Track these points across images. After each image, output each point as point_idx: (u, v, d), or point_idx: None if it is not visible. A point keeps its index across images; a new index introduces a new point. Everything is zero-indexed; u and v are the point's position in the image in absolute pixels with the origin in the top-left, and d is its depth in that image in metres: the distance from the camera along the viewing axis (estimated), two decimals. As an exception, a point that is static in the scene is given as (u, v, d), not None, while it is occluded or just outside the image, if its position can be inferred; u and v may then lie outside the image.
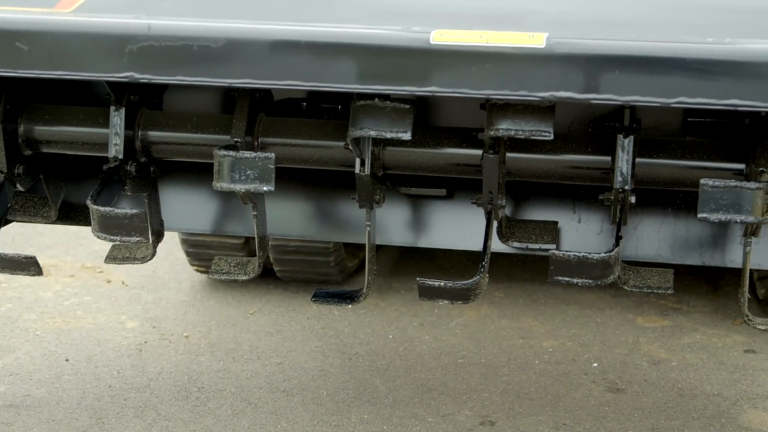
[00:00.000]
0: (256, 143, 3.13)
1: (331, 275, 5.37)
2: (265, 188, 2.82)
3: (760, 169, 2.83)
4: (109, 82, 3.01)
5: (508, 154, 3.02)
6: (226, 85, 2.66)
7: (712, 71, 2.40)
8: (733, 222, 2.63)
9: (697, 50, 2.42)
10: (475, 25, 2.56)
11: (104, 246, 3.60)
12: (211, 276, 3.28)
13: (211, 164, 2.87)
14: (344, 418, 4.02)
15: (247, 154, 2.83)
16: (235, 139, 3.06)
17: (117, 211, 2.94)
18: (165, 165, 3.37)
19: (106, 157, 3.12)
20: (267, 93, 3.19)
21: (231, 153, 2.84)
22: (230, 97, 3.22)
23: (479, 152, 2.96)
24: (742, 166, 2.94)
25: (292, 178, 3.39)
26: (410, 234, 3.43)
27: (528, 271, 5.76)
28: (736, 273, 3.01)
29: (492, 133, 2.70)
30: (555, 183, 3.21)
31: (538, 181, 3.17)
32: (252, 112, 3.11)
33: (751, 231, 2.89)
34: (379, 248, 5.93)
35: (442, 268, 5.83)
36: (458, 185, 3.32)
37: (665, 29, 2.59)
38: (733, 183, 2.61)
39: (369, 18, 2.71)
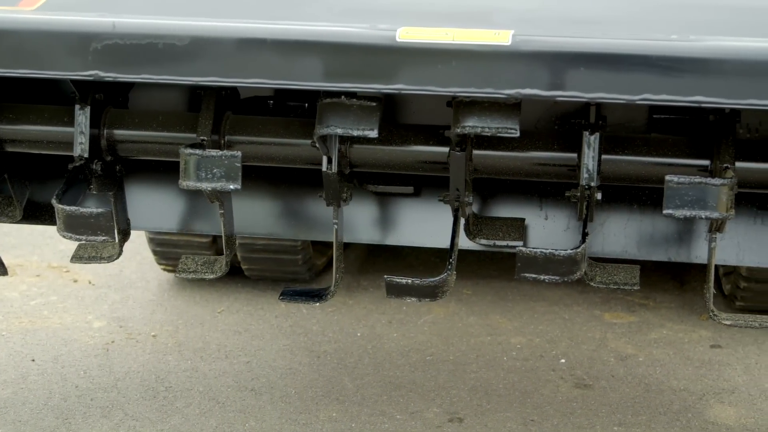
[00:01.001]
0: (222, 141, 3.12)
1: (299, 273, 5.36)
2: (231, 186, 2.81)
3: (725, 165, 2.86)
4: (73, 81, 2.99)
5: (475, 152, 3.03)
6: (192, 83, 2.65)
7: (676, 68, 2.41)
8: (698, 218, 2.65)
9: (661, 47, 2.43)
10: (441, 23, 2.57)
11: (71, 245, 3.59)
12: (178, 275, 3.27)
13: (178, 163, 2.86)
14: (313, 417, 4.02)
15: (213, 152, 2.82)
16: (201, 138, 3.05)
17: (82, 210, 2.92)
18: (131, 164, 3.35)
19: (72, 155, 3.10)
20: (233, 91, 3.18)
21: (197, 151, 2.82)
22: (197, 95, 3.20)
23: (446, 150, 2.97)
24: (707, 162, 2.96)
25: (259, 177, 3.39)
26: (378, 232, 3.43)
27: (496, 268, 5.78)
28: (702, 269, 3.03)
29: (458, 130, 2.71)
30: (522, 180, 3.22)
31: (505, 178, 3.18)
32: (218, 110, 3.10)
33: (716, 227, 2.91)
34: (347, 246, 5.91)
35: (411, 266, 5.83)
36: (425, 183, 3.32)
37: (630, 26, 2.60)
38: (697, 179, 2.63)
39: (335, 16, 2.71)
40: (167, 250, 5.18)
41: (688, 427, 3.99)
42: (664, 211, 2.64)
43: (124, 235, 3.36)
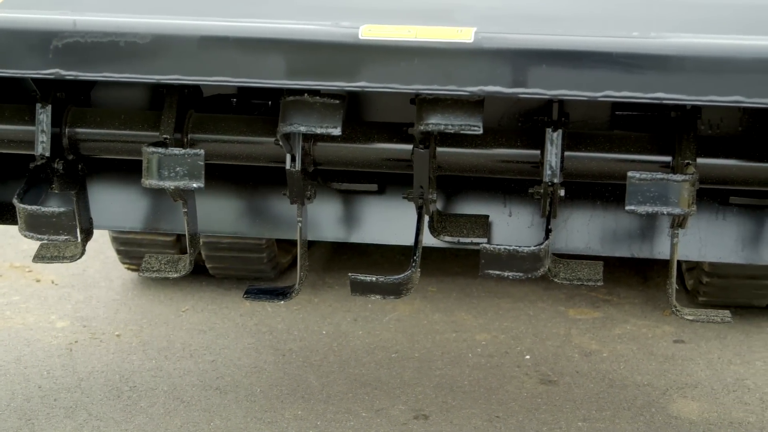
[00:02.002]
0: (185, 140, 3.11)
1: (264, 272, 5.35)
2: (194, 185, 2.81)
3: (686, 161, 2.88)
4: (34, 79, 2.97)
5: (439, 149, 3.03)
6: (154, 81, 2.64)
7: (637, 65, 2.43)
8: (660, 214, 2.66)
9: (622, 44, 2.44)
10: (404, 20, 2.57)
11: (33, 245, 3.56)
12: (141, 274, 3.25)
13: (141, 161, 2.85)
14: (278, 415, 4.01)
15: (176, 150, 2.81)
16: (164, 136, 3.04)
17: (44, 209, 2.90)
18: (93, 162, 3.33)
19: (33, 155, 3.08)
20: (196, 89, 3.17)
21: (160, 150, 2.81)
22: (159, 93, 3.19)
23: (410, 147, 2.97)
24: (668, 158, 2.98)
25: (223, 175, 3.38)
26: (342, 229, 3.43)
27: (461, 265, 5.79)
28: (666, 264, 3.05)
29: (422, 128, 2.71)
30: (486, 177, 3.23)
31: (469, 175, 3.18)
32: (181, 108, 3.09)
33: (678, 223, 2.93)
34: (312, 244, 5.91)
35: (376, 264, 5.83)
36: (390, 180, 3.33)
37: (592, 23, 2.61)
38: (659, 176, 2.65)
39: (298, 13, 2.71)
40: (131, 249, 5.16)
41: (651, 421, 4.02)
42: (627, 207, 2.66)
43: (87, 234, 3.34)
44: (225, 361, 4.52)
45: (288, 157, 2.97)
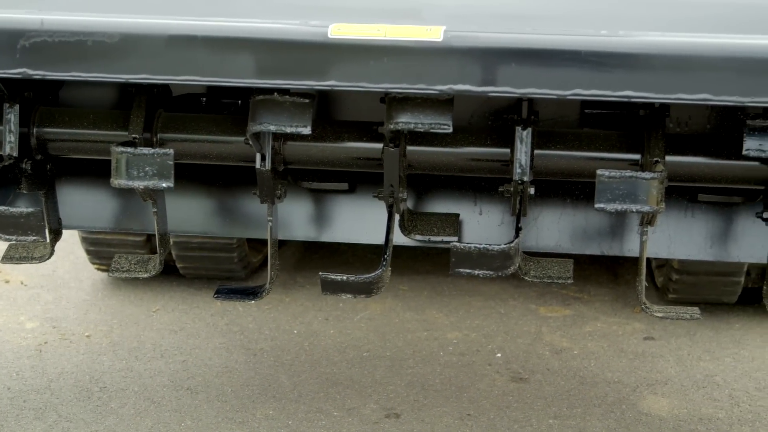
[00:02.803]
0: (154, 139, 3.10)
1: (235, 271, 5.34)
2: (164, 185, 2.80)
3: (655, 159, 2.89)
4: (1, 79, 2.94)
5: (409, 148, 3.04)
6: (123, 81, 2.62)
7: (606, 63, 2.44)
8: (630, 212, 2.68)
9: (591, 43, 2.45)
10: (373, 19, 2.57)
11: (1, 245, 3.53)
12: (111, 274, 3.24)
13: (110, 161, 2.83)
14: (249, 415, 4.00)
15: (145, 150, 2.80)
16: (133, 136, 3.02)
17: (12, 210, 2.88)
18: (62, 162, 3.31)
19: (1, 155, 3.05)
20: (165, 88, 3.16)
21: (129, 150, 2.80)
22: (128, 92, 3.17)
23: (380, 146, 2.97)
24: (637, 156, 2.99)
25: (193, 174, 3.37)
26: (313, 228, 3.43)
27: (432, 263, 5.80)
28: (635, 262, 3.06)
29: (392, 126, 2.71)
30: (456, 175, 3.23)
31: (440, 173, 3.19)
32: (150, 108, 3.08)
33: (647, 220, 2.94)
34: (283, 243, 5.90)
35: (347, 262, 5.83)
36: (360, 179, 3.32)
37: (561, 22, 2.62)
38: (628, 173, 2.66)
39: (267, 12, 2.70)
40: (100, 250, 5.14)
41: (622, 418, 4.04)
42: (596, 205, 2.67)
43: (56, 234, 3.32)
44: (196, 361, 4.50)
45: (258, 157, 2.96)
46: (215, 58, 2.57)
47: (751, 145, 2.71)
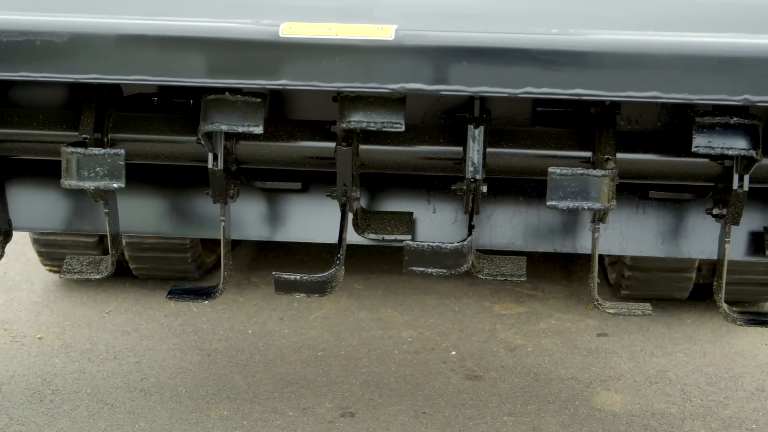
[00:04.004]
0: (105, 139, 3.07)
1: (189, 272, 5.32)
2: (115, 185, 2.78)
3: (606, 156, 2.91)
4: (-51, 79, 2.91)
5: (362, 146, 3.04)
6: (72, 80, 2.60)
7: (556, 62, 2.45)
8: (581, 209, 2.69)
9: (541, 41, 2.46)
10: (325, 18, 2.56)
11: (-50, 248, 3.49)
12: (63, 276, 3.21)
13: (60, 161, 2.81)
14: (204, 415, 3.98)
15: (96, 150, 2.78)
16: (84, 136, 3.00)
17: (-40, 211, 2.85)
18: (12, 163, 3.28)
19: (-51, 156, 3.03)
20: (116, 88, 3.14)
21: (79, 150, 2.78)
22: (78, 92, 3.15)
23: (333, 145, 2.97)
24: (589, 154, 3.01)
25: (145, 175, 3.35)
26: (266, 228, 3.42)
27: (387, 262, 5.80)
28: (588, 258, 3.08)
29: (344, 125, 2.71)
30: (409, 174, 3.24)
31: (393, 172, 3.19)
32: (101, 107, 3.05)
33: (598, 217, 2.96)
34: (238, 243, 5.89)
35: (302, 262, 5.82)
36: (314, 178, 3.32)
37: (512, 20, 2.63)
38: (579, 171, 2.68)
39: (218, 11, 2.69)
40: (52, 251, 5.09)
41: (576, 414, 4.06)
42: (548, 203, 2.68)
43: (6, 236, 3.29)
44: (149, 362, 4.48)
45: (210, 156, 2.95)
46: (166, 58, 2.55)
47: (700, 142, 2.74)
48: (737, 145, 2.74)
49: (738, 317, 3.08)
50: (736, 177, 2.85)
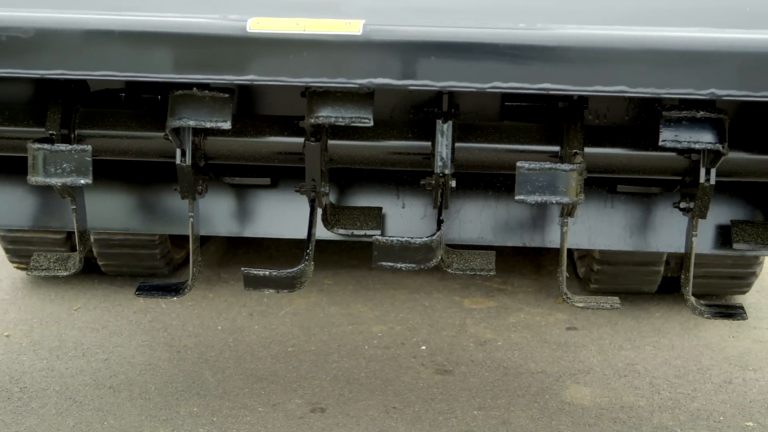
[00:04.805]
0: (72, 135, 3.06)
1: (158, 268, 5.30)
2: (82, 181, 2.76)
3: (574, 151, 2.92)
4: None
5: (330, 142, 3.03)
6: (38, 76, 2.58)
7: (524, 56, 2.46)
8: (549, 203, 2.70)
9: (509, 36, 2.47)
10: (293, 13, 2.56)
11: None
12: (30, 273, 3.20)
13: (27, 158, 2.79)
14: (173, 412, 3.97)
15: (63, 146, 2.76)
16: (50, 132, 2.98)
17: (-74, 208, 2.83)
18: (-23, 160, 3.26)
19: None
20: (83, 84, 3.12)
21: (45, 146, 2.76)
22: (45, 88, 3.13)
23: (301, 140, 2.97)
24: (557, 148, 3.02)
25: (112, 171, 3.33)
26: (235, 224, 3.41)
27: (357, 257, 5.80)
28: (557, 253, 3.09)
29: (312, 120, 2.71)
30: (378, 169, 3.24)
31: (362, 167, 3.19)
32: (67, 103, 3.03)
33: (567, 211, 2.97)
34: (207, 239, 5.87)
35: (272, 258, 5.81)
36: (282, 174, 3.32)
37: (480, 15, 2.63)
38: (547, 165, 2.69)
39: (185, 6, 2.67)
40: (19, 248, 5.06)
41: (545, 408, 4.07)
42: (516, 197, 2.69)
43: (-28, 233, 3.27)
44: (118, 359, 4.45)
45: (178, 152, 2.93)
46: (133, 53, 2.54)
47: (667, 136, 2.76)
48: (704, 138, 2.76)
49: (705, 310, 3.10)
50: (702, 171, 2.87)
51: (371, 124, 2.69)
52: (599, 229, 3.33)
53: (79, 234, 3.19)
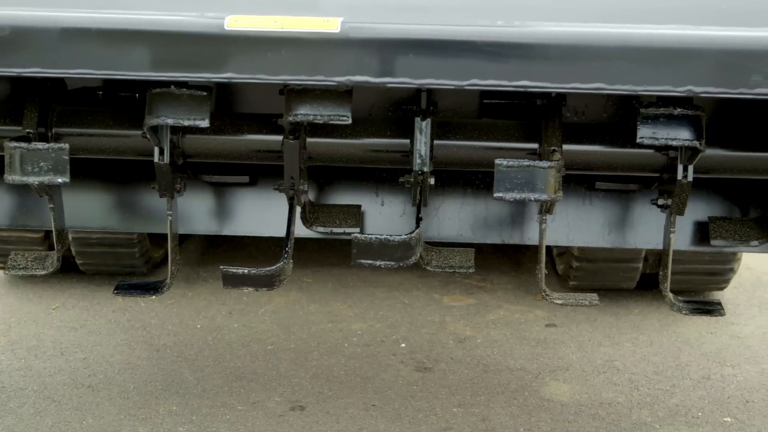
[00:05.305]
0: (50, 134, 3.04)
1: (137, 267, 5.28)
2: (59, 180, 2.75)
3: (552, 148, 2.92)
4: None
5: (309, 139, 3.03)
6: (15, 74, 2.57)
7: (502, 54, 2.46)
8: (528, 200, 2.70)
9: (487, 33, 2.47)
10: (270, 11, 2.55)
11: None
12: (7, 272, 3.17)
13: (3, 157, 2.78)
14: (152, 411, 3.96)
15: (40, 145, 2.75)
16: (27, 130, 2.96)
17: None
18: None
19: None
20: (60, 82, 3.10)
21: (22, 144, 2.75)
22: (22, 86, 3.11)
23: (280, 138, 2.96)
24: (535, 145, 3.02)
25: (90, 169, 3.31)
26: (214, 222, 3.40)
27: (336, 255, 5.80)
28: (537, 250, 3.10)
29: (291, 118, 2.70)
30: (357, 167, 3.23)
31: (341, 165, 3.18)
32: (45, 101, 3.02)
33: (545, 208, 2.97)
34: (187, 237, 5.86)
35: (251, 256, 5.81)
36: (261, 172, 3.31)
37: (458, 12, 2.63)
38: (526, 162, 2.69)
39: (163, 4, 2.66)
40: (-3, 247, 5.04)
41: (525, 405, 4.08)
42: (495, 195, 2.69)
43: (-51, 232, 3.25)
44: (97, 358, 4.44)
45: (156, 150, 2.92)
46: (110, 51, 2.53)
47: (644, 133, 2.76)
48: (681, 135, 2.77)
49: (684, 306, 3.11)
50: (680, 167, 2.88)
51: (350, 121, 2.68)
52: (578, 226, 3.33)
53: (56, 233, 3.17)
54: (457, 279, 5.52)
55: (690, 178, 2.88)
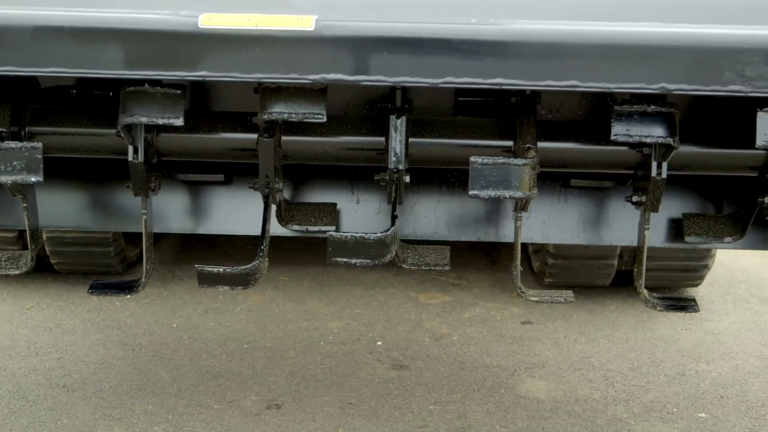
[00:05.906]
0: (23, 133, 3.02)
1: (112, 266, 5.26)
2: (33, 179, 2.74)
3: (527, 145, 2.93)
4: None
5: (284, 138, 3.02)
6: (-14, 73, 2.55)
7: (476, 51, 2.46)
8: (503, 198, 2.71)
9: (461, 31, 2.47)
10: (245, 9, 2.55)
11: None
12: (-20, 272, 3.16)
13: (-24, 156, 2.76)
14: (128, 410, 3.94)
15: (12, 144, 2.73)
16: (0, 129, 2.95)
17: None
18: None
19: None
20: (33, 80, 3.09)
21: (-5, 143, 2.73)
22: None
23: (255, 136, 2.95)
24: (510, 143, 3.03)
25: (64, 168, 3.30)
26: (189, 221, 3.39)
27: (312, 253, 5.79)
28: (512, 247, 3.11)
29: (265, 116, 2.70)
30: (333, 165, 3.23)
31: (316, 163, 3.18)
32: (17, 100, 3.00)
33: (520, 206, 2.98)
34: (161, 236, 5.84)
35: (226, 254, 5.79)
36: (236, 170, 3.30)
37: (432, 10, 2.63)
38: (500, 160, 2.69)
39: (136, 2, 2.65)
40: (-30, 247, 5.01)
41: (501, 402, 4.09)
42: (470, 192, 2.70)
43: None
44: (72, 358, 4.42)
45: (130, 149, 2.91)
46: (83, 49, 2.51)
47: (618, 130, 2.77)
48: (655, 132, 2.78)
49: (658, 303, 3.12)
50: (654, 164, 2.89)
51: (324, 119, 2.68)
52: (553, 223, 3.34)
53: (30, 232, 3.15)
54: (433, 277, 5.53)
55: (664, 175, 2.89)
